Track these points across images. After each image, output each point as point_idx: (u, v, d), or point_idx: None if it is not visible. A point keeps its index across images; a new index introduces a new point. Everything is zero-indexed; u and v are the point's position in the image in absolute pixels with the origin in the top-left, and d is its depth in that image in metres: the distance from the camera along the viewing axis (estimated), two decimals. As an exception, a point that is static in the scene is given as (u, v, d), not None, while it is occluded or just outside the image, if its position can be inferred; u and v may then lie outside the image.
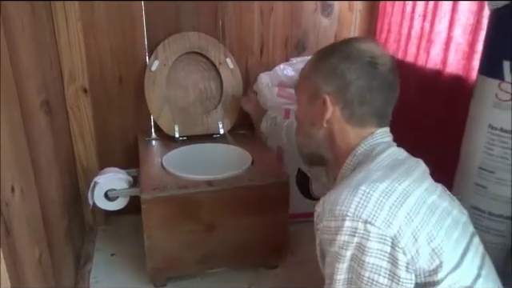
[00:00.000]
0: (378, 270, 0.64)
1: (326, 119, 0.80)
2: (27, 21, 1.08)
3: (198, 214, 1.30)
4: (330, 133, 0.82)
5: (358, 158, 0.79)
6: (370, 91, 0.77)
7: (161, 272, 1.35)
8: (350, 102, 0.78)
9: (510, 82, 0.90)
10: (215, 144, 1.62)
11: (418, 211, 0.67)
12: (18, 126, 0.91)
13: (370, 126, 0.80)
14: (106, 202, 1.39)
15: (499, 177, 0.97)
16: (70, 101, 1.51)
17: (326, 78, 0.80)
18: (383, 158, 0.75)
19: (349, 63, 0.77)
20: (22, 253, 0.85)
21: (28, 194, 0.92)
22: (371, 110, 0.79)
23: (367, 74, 0.77)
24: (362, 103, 0.78)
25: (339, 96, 0.78)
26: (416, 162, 0.79)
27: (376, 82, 0.78)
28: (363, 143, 0.79)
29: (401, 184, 0.69)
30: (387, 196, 0.66)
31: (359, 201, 0.66)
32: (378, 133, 0.80)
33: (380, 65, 0.78)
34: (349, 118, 0.79)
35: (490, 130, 0.96)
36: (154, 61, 1.58)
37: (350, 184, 0.70)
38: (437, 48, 1.37)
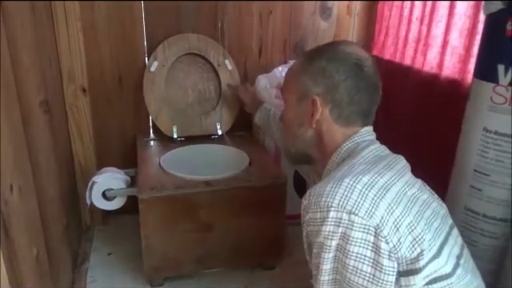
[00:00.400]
0: (361, 258, 0.67)
1: (316, 120, 0.82)
2: (27, 20, 1.08)
3: (195, 214, 1.30)
4: (318, 132, 0.84)
5: (342, 154, 0.82)
6: (358, 92, 0.80)
7: (158, 272, 1.36)
8: (338, 103, 0.81)
9: (505, 85, 0.92)
10: (213, 145, 1.62)
11: (399, 202, 0.70)
12: (18, 125, 0.92)
13: (356, 125, 0.83)
14: (104, 201, 1.39)
15: (494, 179, 0.98)
16: (69, 100, 1.51)
17: (314, 80, 0.81)
18: (366, 153, 0.79)
19: (337, 65, 0.80)
20: (20, 251, 0.85)
21: (26, 193, 0.92)
22: (358, 110, 0.82)
23: (355, 75, 0.80)
24: (349, 103, 0.81)
25: (328, 97, 0.81)
26: (397, 158, 0.82)
27: (363, 83, 0.81)
28: (348, 141, 0.82)
29: (382, 177, 0.72)
30: (370, 188, 0.69)
31: (343, 192, 0.68)
32: (363, 131, 0.83)
33: (366, 67, 0.81)
34: (337, 118, 0.82)
35: (485, 132, 0.97)
36: (153, 61, 1.59)
37: (334, 176, 0.73)
38: (433, 51, 1.38)
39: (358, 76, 0.80)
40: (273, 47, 1.78)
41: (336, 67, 0.80)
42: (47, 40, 1.34)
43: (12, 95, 0.89)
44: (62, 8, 1.41)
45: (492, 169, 0.97)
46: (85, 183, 1.52)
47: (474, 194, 1.01)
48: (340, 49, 0.82)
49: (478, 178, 1.00)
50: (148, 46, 1.63)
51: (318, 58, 0.82)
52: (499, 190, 0.98)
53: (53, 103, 1.29)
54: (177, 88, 1.66)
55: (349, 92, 0.80)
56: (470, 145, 1.02)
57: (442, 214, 0.79)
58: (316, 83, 0.81)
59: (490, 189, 0.99)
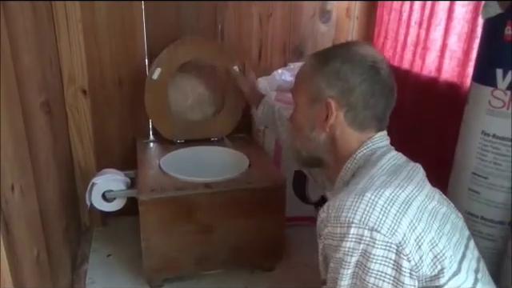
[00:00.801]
0: (382, 276, 0.65)
1: (330, 124, 0.80)
2: (29, 21, 1.09)
3: (195, 215, 1.31)
4: (332, 137, 0.82)
5: (357, 162, 0.79)
6: (373, 95, 0.78)
7: (157, 273, 1.36)
8: (353, 107, 0.78)
9: (503, 89, 0.92)
10: (213, 147, 1.63)
11: (421, 218, 0.68)
12: (19, 125, 0.92)
13: (370, 129, 0.81)
14: (104, 202, 1.39)
15: (492, 182, 0.98)
16: (69, 102, 1.52)
17: (328, 82, 0.79)
18: (384, 162, 0.76)
19: (352, 67, 0.77)
20: (21, 251, 0.85)
21: (27, 193, 0.93)
22: (373, 114, 0.79)
23: (370, 78, 0.77)
24: (364, 107, 0.78)
25: (343, 100, 0.78)
26: (415, 167, 0.80)
27: (378, 87, 0.78)
28: (363, 147, 0.79)
29: (404, 190, 0.70)
30: (392, 203, 0.67)
31: (365, 208, 0.66)
32: (377, 137, 0.80)
33: (381, 69, 0.79)
34: (351, 122, 0.79)
35: (483, 136, 0.98)
36: (155, 68, 1.55)
37: (354, 190, 0.70)
38: (432, 55, 1.39)
39: (374, 79, 0.78)
40: (272, 50, 1.79)
41: (351, 69, 0.77)
42: (48, 41, 1.34)
43: (14, 96, 0.89)
44: (63, 9, 1.42)
45: (490, 172, 0.98)
46: (84, 184, 1.53)
47: (473, 196, 1.02)
48: (355, 50, 0.80)
49: (477, 181, 1.01)
50: (148, 48, 1.64)
51: (332, 59, 0.80)
52: (497, 192, 0.98)
53: (53, 104, 1.30)
54: (178, 92, 1.66)
55: (364, 96, 0.78)
56: (468, 148, 1.03)
57: (460, 227, 0.78)
58: (330, 85, 0.79)
59: (488, 192, 0.99)
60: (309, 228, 1.71)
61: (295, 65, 1.74)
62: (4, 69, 0.82)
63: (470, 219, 1.03)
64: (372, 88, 0.78)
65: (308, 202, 1.71)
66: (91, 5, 1.53)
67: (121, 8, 1.56)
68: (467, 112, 1.04)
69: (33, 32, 1.12)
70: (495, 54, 0.94)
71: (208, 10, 1.67)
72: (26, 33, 1.05)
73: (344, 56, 0.79)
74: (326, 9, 1.78)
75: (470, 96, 1.03)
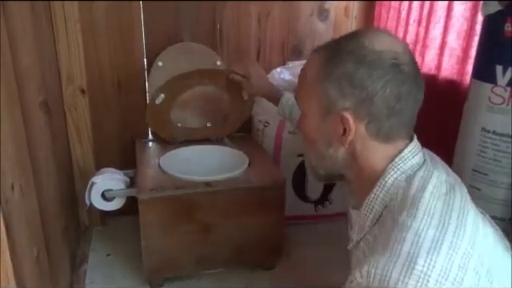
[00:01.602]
0: None
1: (349, 140, 0.67)
2: (28, 21, 1.09)
3: (194, 214, 1.31)
4: (352, 152, 0.68)
5: (389, 191, 0.66)
6: (399, 100, 0.64)
7: (157, 273, 1.36)
8: (376, 117, 0.64)
9: (503, 85, 0.93)
10: (212, 146, 1.62)
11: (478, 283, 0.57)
12: (19, 125, 0.92)
13: (398, 139, 0.67)
14: (103, 202, 1.39)
15: (492, 179, 0.99)
16: (68, 101, 1.51)
17: (341, 90, 0.64)
18: (428, 202, 0.61)
19: (368, 69, 0.63)
20: (21, 251, 0.85)
21: (27, 193, 0.92)
22: (400, 121, 0.66)
23: (393, 80, 0.63)
24: (389, 115, 0.64)
25: (362, 110, 0.64)
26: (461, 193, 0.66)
27: (404, 88, 0.64)
28: (392, 169, 0.66)
29: (458, 251, 0.57)
30: (445, 276, 0.55)
31: (415, 284, 0.54)
32: (407, 152, 0.67)
33: (405, 65, 0.64)
34: (375, 135, 0.66)
35: (483, 132, 0.99)
36: (159, 94, 1.51)
37: (400, 255, 0.56)
38: (431, 53, 1.39)
39: (398, 80, 0.63)
40: (271, 49, 1.79)
41: (368, 73, 0.62)
42: (46, 41, 1.34)
43: (13, 95, 0.89)
44: (61, 9, 1.42)
45: (490, 168, 0.98)
46: (83, 184, 1.52)
47: (473, 193, 1.01)
48: (369, 45, 0.64)
49: (477, 178, 1.01)
50: (147, 48, 1.63)
51: (341, 60, 0.64)
52: (498, 189, 0.99)
53: (52, 104, 1.29)
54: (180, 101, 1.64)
55: (388, 102, 0.63)
56: (468, 145, 1.03)
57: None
58: (344, 95, 0.64)
59: (488, 188, 1.00)
60: (308, 226, 1.72)
61: (294, 64, 1.75)
62: (3, 69, 0.82)
63: (470, 216, 1.03)
64: (396, 91, 0.63)
65: (307, 200, 1.72)
66: (89, 5, 1.52)
67: (119, 8, 1.56)
68: (467, 109, 1.05)
69: (31, 32, 1.11)
70: (495, 50, 0.95)
71: (206, 10, 1.66)
72: (24, 32, 1.04)
73: (357, 55, 0.64)
74: (324, 8, 1.78)
75: (469, 93, 1.04)
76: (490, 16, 0.96)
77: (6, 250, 0.71)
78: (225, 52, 1.72)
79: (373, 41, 0.64)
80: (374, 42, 0.64)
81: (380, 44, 0.64)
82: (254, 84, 1.35)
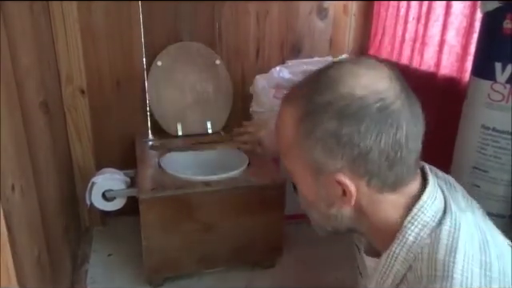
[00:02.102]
0: None
1: (352, 201, 0.58)
2: (27, 22, 1.09)
3: (195, 214, 1.31)
4: (359, 209, 0.60)
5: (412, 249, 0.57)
6: (399, 148, 0.54)
7: (158, 272, 1.36)
8: (376, 172, 0.55)
9: (502, 82, 0.93)
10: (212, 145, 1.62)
11: None
12: (19, 125, 0.92)
13: (407, 182, 0.58)
14: (104, 202, 1.39)
15: (492, 176, 0.99)
16: (68, 102, 1.51)
17: (328, 151, 0.55)
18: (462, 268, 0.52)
19: (354, 123, 0.53)
20: (22, 251, 0.85)
21: (27, 193, 0.92)
22: (406, 167, 0.56)
23: (386, 128, 0.53)
24: (392, 166, 0.55)
25: (358, 169, 0.55)
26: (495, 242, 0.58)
27: (401, 132, 0.54)
28: (412, 223, 0.57)
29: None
30: None
31: None
32: (427, 198, 0.58)
33: (394, 103, 0.53)
34: (380, 188, 0.57)
35: (483, 130, 0.99)
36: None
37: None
38: (430, 50, 1.39)
39: (391, 126, 0.53)
40: (270, 48, 1.79)
41: (355, 127, 0.53)
42: (45, 41, 1.34)
43: (13, 96, 0.89)
44: (60, 9, 1.41)
45: (490, 165, 0.99)
46: (83, 184, 1.52)
47: (473, 190, 1.02)
48: (348, 92, 0.54)
49: (477, 175, 1.01)
50: (146, 47, 1.63)
51: (320, 116, 0.54)
52: (497, 186, 0.99)
53: (52, 104, 1.29)
54: (176, 88, 1.66)
55: (387, 155, 0.54)
56: (468, 142, 1.03)
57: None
58: (332, 155, 0.55)
59: (488, 185, 1.00)
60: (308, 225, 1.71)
61: (293, 62, 1.75)
62: (3, 69, 0.82)
63: (470, 213, 1.03)
64: (393, 140, 0.53)
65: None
66: (88, 5, 1.52)
67: (118, 8, 1.56)
68: (466, 106, 1.05)
69: (30, 32, 1.11)
70: (494, 47, 0.95)
71: (205, 9, 1.66)
72: (23, 33, 1.04)
73: (337, 108, 0.53)
74: (323, 6, 1.78)
75: (469, 90, 1.04)
76: (489, 13, 0.96)
77: (7, 249, 0.71)
78: (224, 51, 1.72)
79: (351, 85, 0.54)
80: (353, 85, 0.54)
81: (360, 87, 0.54)
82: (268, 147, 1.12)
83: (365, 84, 0.54)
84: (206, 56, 1.67)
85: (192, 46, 1.66)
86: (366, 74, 0.55)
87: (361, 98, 0.53)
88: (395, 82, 0.55)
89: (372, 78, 0.55)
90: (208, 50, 1.67)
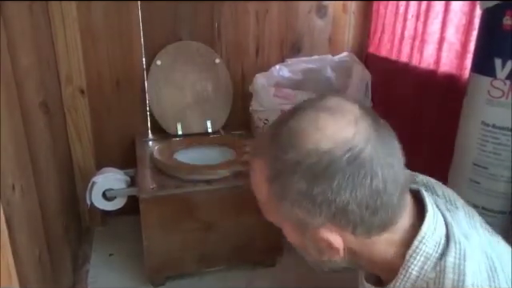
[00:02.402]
0: None
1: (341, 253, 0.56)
2: (26, 22, 1.09)
3: (195, 213, 1.31)
4: (353, 253, 0.57)
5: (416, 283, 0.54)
6: (377, 195, 0.51)
7: (159, 271, 1.36)
8: (359, 221, 0.52)
9: (502, 79, 0.93)
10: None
11: None
12: (19, 126, 0.92)
13: (396, 220, 0.54)
14: (104, 201, 1.39)
15: (492, 172, 0.99)
16: (67, 102, 1.51)
17: (306, 211, 0.52)
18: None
19: (324, 182, 0.50)
20: (23, 251, 0.85)
21: (27, 193, 0.93)
22: (390, 209, 0.53)
23: (359, 179, 0.50)
24: (374, 212, 0.52)
25: (340, 222, 0.52)
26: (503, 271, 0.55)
27: (377, 180, 0.50)
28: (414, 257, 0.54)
29: None
30: None
31: None
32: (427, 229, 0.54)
33: (364, 149, 0.50)
34: (368, 233, 0.54)
35: (483, 126, 0.98)
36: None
37: None
38: (430, 48, 1.39)
39: (365, 176, 0.50)
40: (270, 47, 1.79)
41: (326, 185, 0.49)
42: (45, 41, 1.34)
43: (13, 96, 0.89)
44: (59, 9, 1.42)
45: (490, 162, 0.98)
46: (84, 184, 1.52)
47: (473, 187, 1.02)
48: (313, 148, 0.50)
49: (477, 172, 1.01)
50: (145, 46, 1.63)
51: (288, 178, 0.51)
52: (498, 182, 0.99)
53: (51, 104, 1.29)
54: (176, 87, 1.66)
55: (366, 204, 0.51)
56: (468, 139, 1.03)
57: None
58: (310, 214, 0.52)
59: (488, 182, 1.00)
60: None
61: (293, 61, 1.75)
62: (3, 70, 0.82)
63: (471, 210, 1.03)
64: (369, 190, 0.50)
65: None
66: (87, 5, 1.52)
67: (117, 7, 1.56)
68: (466, 103, 1.04)
69: (30, 32, 1.11)
70: (494, 43, 0.94)
71: (205, 8, 1.66)
72: (23, 33, 1.04)
73: (304, 167, 0.50)
74: (322, 4, 1.78)
75: (469, 87, 1.03)
76: (488, 9, 0.96)
77: (8, 249, 0.71)
78: (223, 50, 1.72)
79: (315, 139, 0.50)
80: (317, 139, 0.50)
81: (325, 140, 0.50)
82: None
83: (329, 135, 0.50)
84: (205, 55, 1.67)
85: (191, 45, 1.66)
86: (329, 122, 0.51)
87: (328, 153, 0.49)
88: (362, 123, 0.51)
89: (336, 125, 0.51)
90: (208, 49, 1.67)
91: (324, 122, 0.51)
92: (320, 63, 1.73)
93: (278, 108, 1.61)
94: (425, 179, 0.67)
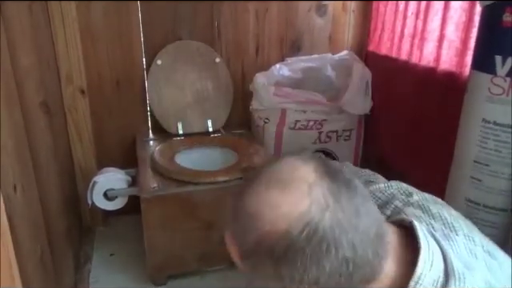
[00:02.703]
0: None
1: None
2: (26, 22, 1.09)
3: (197, 212, 1.31)
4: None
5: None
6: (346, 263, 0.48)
7: (161, 271, 1.36)
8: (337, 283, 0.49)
9: (503, 76, 0.93)
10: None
11: None
12: (19, 125, 0.92)
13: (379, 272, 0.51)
14: (105, 201, 1.39)
15: (493, 169, 0.99)
16: (68, 102, 1.51)
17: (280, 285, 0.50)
18: None
19: (288, 264, 0.47)
20: (25, 251, 0.85)
21: (29, 193, 0.93)
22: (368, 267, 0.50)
23: (324, 254, 0.47)
24: (350, 276, 0.49)
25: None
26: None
27: (342, 249, 0.47)
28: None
29: None
30: None
31: None
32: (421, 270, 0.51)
33: (322, 221, 0.47)
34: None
35: (484, 123, 0.98)
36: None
37: None
38: (430, 45, 1.39)
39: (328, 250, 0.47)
40: (270, 46, 1.79)
41: (292, 267, 0.47)
42: (45, 41, 1.34)
43: (13, 96, 0.89)
44: (59, 9, 1.42)
45: (491, 159, 0.98)
46: (85, 184, 1.53)
47: (474, 184, 1.02)
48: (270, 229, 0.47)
49: (478, 169, 1.01)
50: (145, 46, 1.63)
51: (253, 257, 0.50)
52: (499, 180, 0.99)
53: (52, 104, 1.29)
54: (176, 87, 1.67)
55: (339, 273, 0.48)
56: (469, 136, 1.03)
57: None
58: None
59: (489, 179, 1.00)
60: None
61: (293, 60, 1.75)
62: (3, 69, 0.82)
63: (471, 207, 1.03)
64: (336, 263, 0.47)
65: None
66: (87, 5, 1.52)
67: (117, 7, 1.56)
68: (467, 100, 1.04)
69: (29, 32, 1.11)
70: (494, 40, 0.94)
71: (204, 7, 1.66)
72: (22, 33, 1.04)
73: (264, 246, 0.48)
74: (322, 3, 1.78)
75: (469, 84, 1.03)
76: (488, 6, 0.96)
77: (10, 249, 0.71)
78: (223, 49, 1.72)
79: (270, 219, 0.47)
80: (273, 219, 0.47)
81: (280, 218, 0.47)
82: None
83: (284, 213, 0.47)
84: (205, 54, 1.67)
85: (191, 44, 1.66)
86: (281, 199, 0.48)
87: (285, 234, 0.47)
88: (317, 190, 0.48)
89: (290, 200, 0.48)
90: (207, 49, 1.68)
91: (276, 200, 0.48)
92: (320, 62, 1.73)
93: (278, 107, 1.61)
94: (420, 200, 0.64)
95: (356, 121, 1.71)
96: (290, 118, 1.63)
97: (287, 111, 1.62)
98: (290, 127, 1.63)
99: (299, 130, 1.64)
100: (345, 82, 1.67)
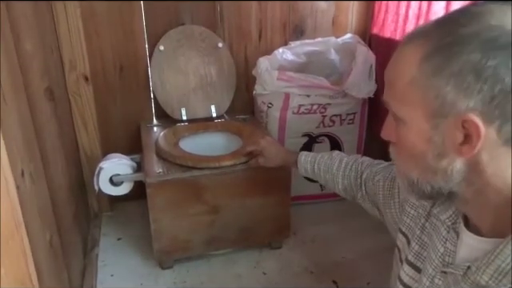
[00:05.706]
0: None
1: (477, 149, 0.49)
2: (29, 7, 1.08)
3: (202, 196, 1.32)
4: (475, 164, 0.51)
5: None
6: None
7: (167, 254, 1.38)
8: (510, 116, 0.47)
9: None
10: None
11: None
12: (25, 111, 0.92)
13: None
14: (111, 187, 1.40)
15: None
16: (72, 88, 1.51)
17: (463, 87, 0.48)
18: None
19: (502, 56, 0.46)
20: (34, 236, 0.86)
21: (37, 179, 0.94)
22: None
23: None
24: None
25: (494, 110, 0.47)
26: None
27: None
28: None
29: None
30: None
31: None
32: None
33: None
34: (508, 139, 0.49)
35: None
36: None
37: None
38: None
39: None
40: (272, 30, 1.77)
41: (503, 60, 0.46)
42: (47, 26, 1.33)
43: (18, 81, 0.89)
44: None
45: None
46: (91, 170, 1.54)
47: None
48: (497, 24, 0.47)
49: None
50: (147, 32, 1.63)
51: (459, 46, 0.48)
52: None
53: (56, 91, 1.30)
54: (180, 72, 1.66)
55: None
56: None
57: None
58: (467, 92, 0.48)
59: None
60: (314, 206, 1.74)
61: (296, 43, 1.74)
62: (7, 54, 0.82)
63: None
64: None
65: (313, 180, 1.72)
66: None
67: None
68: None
69: (32, 16, 1.11)
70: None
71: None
72: (25, 17, 1.04)
73: (483, 39, 0.47)
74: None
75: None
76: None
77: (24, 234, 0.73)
78: (226, 34, 1.71)
79: (500, 18, 0.47)
80: (503, 19, 0.47)
81: (510, 22, 0.47)
82: (268, 157, 1.28)
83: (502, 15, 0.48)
84: (208, 39, 1.67)
85: (194, 29, 1.65)
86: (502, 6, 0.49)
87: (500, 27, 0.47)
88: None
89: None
90: (210, 33, 1.67)
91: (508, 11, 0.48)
92: (323, 45, 1.72)
93: (281, 91, 1.61)
94: None
95: (360, 104, 1.71)
96: (294, 102, 1.62)
97: (291, 95, 1.61)
98: (294, 111, 1.63)
99: (303, 114, 1.64)
100: (348, 65, 1.66)
